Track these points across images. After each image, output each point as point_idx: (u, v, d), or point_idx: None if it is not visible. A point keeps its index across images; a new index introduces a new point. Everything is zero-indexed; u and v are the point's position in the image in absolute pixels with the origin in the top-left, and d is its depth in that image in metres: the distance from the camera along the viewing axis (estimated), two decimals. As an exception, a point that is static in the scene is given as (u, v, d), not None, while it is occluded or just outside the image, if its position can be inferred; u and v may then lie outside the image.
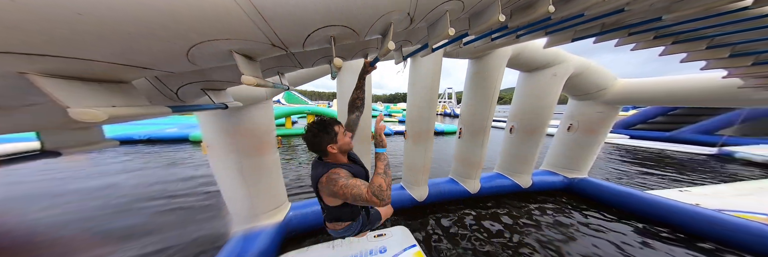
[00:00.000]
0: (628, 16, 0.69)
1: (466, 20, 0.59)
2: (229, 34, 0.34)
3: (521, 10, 0.59)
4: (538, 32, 0.88)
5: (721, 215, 1.42)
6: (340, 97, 1.57)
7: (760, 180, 2.40)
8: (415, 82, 1.69)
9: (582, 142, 2.15)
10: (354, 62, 1.42)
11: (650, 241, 1.43)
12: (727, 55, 0.93)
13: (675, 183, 2.61)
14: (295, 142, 5.65)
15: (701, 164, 3.54)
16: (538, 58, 1.71)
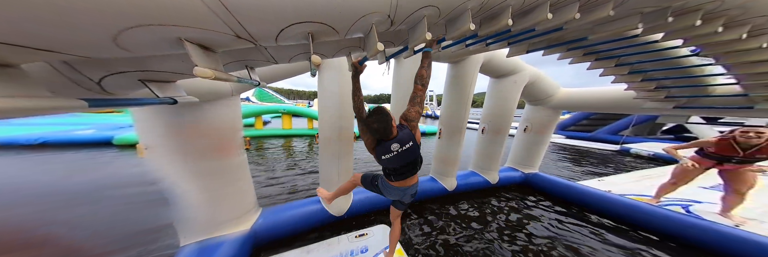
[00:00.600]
0: (566, 33, 0.84)
1: (443, 26, 0.63)
2: (179, 21, 0.29)
3: (488, 20, 0.66)
4: (502, 42, 0.99)
5: (624, 199, 1.85)
6: (321, 95, 1.49)
7: (645, 170, 3.18)
8: (399, 84, 1.73)
9: (534, 142, 2.52)
10: (336, 60, 1.36)
11: (580, 222, 1.80)
12: (627, 72, 1.23)
13: (595, 174, 3.30)
14: (267, 144, 5.01)
15: (610, 158, 4.56)
16: (503, 66, 1.94)
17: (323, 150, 1.54)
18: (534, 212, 1.98)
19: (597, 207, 1.90)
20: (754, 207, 1.74)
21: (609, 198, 1.87)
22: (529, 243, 1.52)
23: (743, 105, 1.17)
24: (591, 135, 7.03)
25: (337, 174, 1.56)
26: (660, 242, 1.51)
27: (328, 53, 0.75)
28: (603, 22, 0.71)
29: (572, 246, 1.49)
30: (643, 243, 1.52)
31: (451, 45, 0.98)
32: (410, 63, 1.61)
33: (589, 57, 1.13)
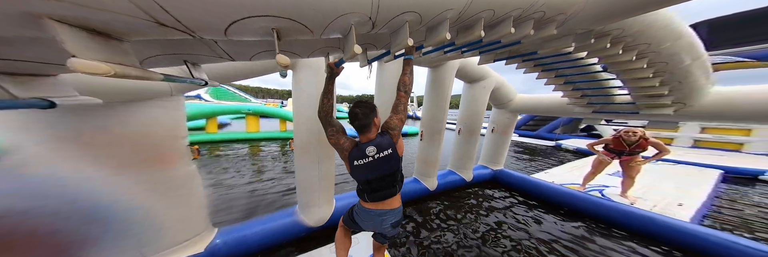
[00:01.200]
0: (522, 47, 0.98)
1: (424, 33, 0.65)
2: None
3: (464, 30, 0.71)
4: (474, 51, 1.09)
5: (564, 188, 2.25)
6: (296, 97, 1.36)
7: (573, 162, 3.97)
8: (383, 86, 1.72)
9: (499, 141, 2.86)
10: (314, 60, 1.26)
11: (536, 211, 2.10)
12: (563, 82, 1.52)
13: (542, 167, 3.96)
14: (225, 150, 4.23)
15: (550, 153, 5.57)
16: (475, 72, 2.15)
17: (300, 156, 1.40)
18: (501, 203, 2.23)
19: (547, 196, 2.27)
20: (638, 188, 2.35)
21: (554, 188, 2.26)
22: (494, 230, 1.71)
23: (632, 110, 1.59)
24: (536, 133, 8.47)
25: (318, 180, 1.44)
26: (587, 220, 1.89)
27: (303, 52, 0.68)
28: (549, 40, 0.85)
29: (524, 227, 1.75)
30: (574, 221, 1.88)
31: (431, 51, 1.03)
32: (394, 66, 1.62)
33: (538, 68, 1.35)
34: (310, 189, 1.45)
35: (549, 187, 2.29)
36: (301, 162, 1.41)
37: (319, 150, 1.38)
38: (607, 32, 0.82)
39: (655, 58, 0.99)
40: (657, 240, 1.57)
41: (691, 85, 1.19)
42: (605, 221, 1.82)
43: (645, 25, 0.80)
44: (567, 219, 1.93)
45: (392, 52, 0.66)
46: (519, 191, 2.53)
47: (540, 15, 0.65)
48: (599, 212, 1.86)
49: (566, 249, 1.49)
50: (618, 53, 0.92)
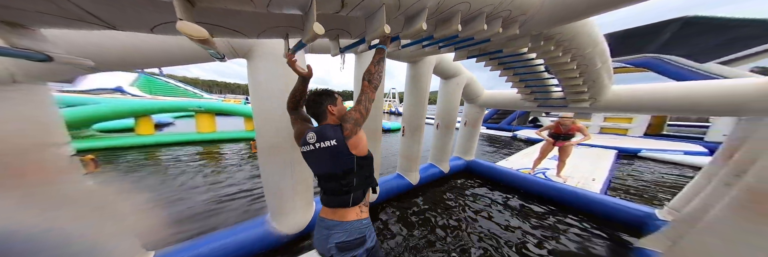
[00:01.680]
0: (491, 45, 1.10)
1: (402, 22, 0.64)
2: None
3: (442, 23, 0.74)
4: (451, 46, 1.16)
5: (520, 173, 2.68)
6: (254, 92, 1.15)
7: (525, 149, 4.78)
8: (360, 79, 1.69)
9: (471, 134, 3.18)
10: (277, 46, 1.08)
11: (502, 194, 2.46)
12: (518, 80, 1.79)
13: (503, 155, 4.62)
14: (170, 155, 3.46)
15: (509, 142, 6.57)
16: (450, 69, 2.30)
17: (266, 159, 1.25)
18: (475, 190, 2.51)
19: (508, 181, 2.67)
20: (567, 168, 3.01)
21: (513, 174, 2.68)
22: (470, 216, 1.93)
23: (563, 104, 1.99)
24: (498, 125, 9.83)
25: (292, 184, 1.29)
26: (538, 199, 2.32)
27: (249, 30, 0.54)
28: (512, 39, 0.97)
29: (486, 209, 2.05)
30: (527, 200, 2.30)
31: (409, 44, 1.05)
32: (370, 57, 1.58)
33: (501, 66, 1.54)
34: (283, 195, 1.31)
35: (509, 173, 2.70)
36: (269, 165, 1.26)
37: (292, 153, 1.24)
38: (552, 36, 0.99)
39: (581, 61, 1.25)
40: (580, 209, 2.04)
41: (600, 84, 1.58)
42: (548, 198, 2.27)
43: (577, 32, 1.00)
44: (523, 198, 2.33)
45: (367, 39, 0.60)
46: (488, 178, 2.90)
47: (507, 14, 0.74)
48: (543, 191, 2.32)
49: (523, 224, 1.83)
50: (558, 55, 1.13)
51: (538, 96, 2.07)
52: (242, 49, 1.05)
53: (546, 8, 0.74)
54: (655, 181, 3.18)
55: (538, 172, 2.98)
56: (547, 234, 1.67)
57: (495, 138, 7.36)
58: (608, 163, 3.79)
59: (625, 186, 2.93)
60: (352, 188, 0.64)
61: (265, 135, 1.19)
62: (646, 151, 4.88)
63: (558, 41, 1.03)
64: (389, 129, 7.60)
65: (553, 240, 1.59)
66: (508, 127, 9.52)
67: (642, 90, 1.63)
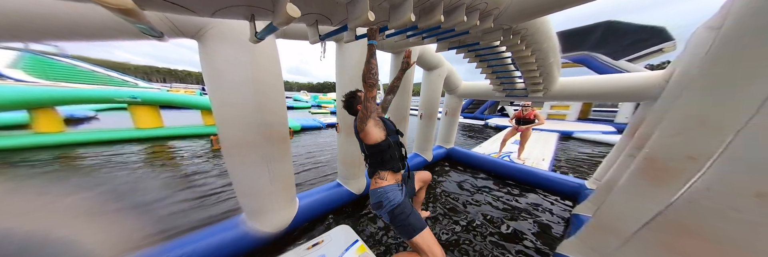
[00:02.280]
0: (469, 37, 1.18)
1: (387, 10, 0.64)
2: None
3: (426, 13, 0.77)
4: (433, 37, 1.21)
5: (489, 157, 3.08)
6: (209, 78, 0.97)
7: (494, 136, 5.46)
8: (343, 71, 1.59)
9: (451, 123, 3.44)
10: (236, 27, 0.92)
11: (479, 175, 2.84)
12: (491, 72, 1.99)
13: (479, 141, 5.17)
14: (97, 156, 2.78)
15: (482, 130, 7.38)
16: (433, 60, 2.38)
17: (235, 158, 1.12)
18: (454, 177, 2.79)
19: (481, 165, 3.05)
20: (526, 151, 3.59)
21: (485, 158, 3.07)
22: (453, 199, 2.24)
23: (524, 94, 2.31)
24: (473, 115, 10.75)
25: (270, 182, 1.22)
26: (502, 179, 2.74)
27: (201, 7, 0.45)
28: (488, 32, 1.07)
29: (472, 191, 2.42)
30: (496, 180, 2.71)
31: (394, 34, 1.05)
32: (356, 48, 1.51)
33: (477, 58, 1.68)
34: (259, 195, 1.23)
35: (483, 158, 3.09)
36: (239, 164, 1.14)
37: (266, 148, 1.13)
38: (519, 31, 1.12)
39: (538, 55, 1.46)
40: (535, 184, 2.50)
41: (552, 76, 1.88)
42: (511, 178, 2.71)
43: (537, 29, 1.16)
44: (494, 178, 2.75)
45: (350, 27, 0.57)
46: (466, 164, 3.25)
47: (483, 6, 0.81)
48: (508, 172, 2.75)
49: (495, 201, 2.19)
50: (522, 49, 1.29)
51: (506, 86, 2.35)
52: (189, 28, 0.85)
53: (515, 3, 0.84)
54: (584, 157, 4.06)
55: (504, 156, 3.51)
56: (510, 207, 2.07)
57: (470, 126, 8.12)
58: (553, 145, 4.65)
59: (565, 162, 3.69)
60: (370, 166, 0.89)
61: (230, 131, 1.06)
62: (578, 133, 6.11)
63: (523, 36, 1.18)
64: None
65: (515, 211, 1.98)
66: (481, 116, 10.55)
67: (578, 81, 2.01)
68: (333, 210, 1.76)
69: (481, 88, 2.82)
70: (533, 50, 1.37)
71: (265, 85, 1.05)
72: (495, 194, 2.33)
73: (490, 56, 1.61)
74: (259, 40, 0.61)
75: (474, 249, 1.39)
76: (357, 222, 1.65)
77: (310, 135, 5.14)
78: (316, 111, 10.74)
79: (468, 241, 1.47)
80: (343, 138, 1.77)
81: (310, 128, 5.85)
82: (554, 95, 2.14)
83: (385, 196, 0.83)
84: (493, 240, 1.51)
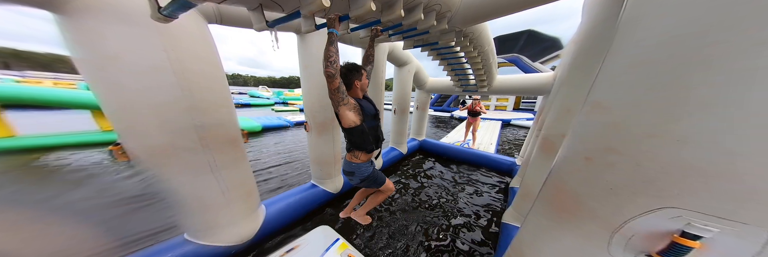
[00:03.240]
0: (430, 36, 1.26)
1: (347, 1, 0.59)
2: None
3: (388, 7, 0.77)
4: (399, 34, 1.22)
5: (454, 145, 3.53)
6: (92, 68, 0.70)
7: (457, 127, 6.20)
8: (308, 65, 1.45)
9: (421, 116, 3.70)
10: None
11: (449, 166, 3.18)
12: (451, 69, 2.21)
13: (447, 131, 5.81)
14: None
15: (448, 121, 8.30)
16: (402, 56, 2.43)
17: (164, 168, 0.90)
18: (426, 165, 3.10)
19: (445, 152, 3.46)
20: (478, 138, 4.28)
21: (450, 147, 3.50)
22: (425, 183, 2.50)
23: (474, 89, 2.71)
24: (441, 108, 11.88)
25: (222, 193, 1.05)
26: (462, 163, 3.21)
27: None
28: (444, 32, 1.16)
29: (435, 174, 2.73)
30: (459, 164, 3.17)
31: (358, 28, 1.01)
32: (319, 39, 1.39)
33: (439, 57, 1.82)
34: (209, 208, 1.06)
35: (449, 147, 3.51)
36: (171, 175, 0.92)
37: (210, 155, 0.94)
38: (467, 34, 1.27)
39: (483, 55, 1.71)
40: (485, 165, 3.05)
41: (492, 74, 2.26)
42: (469, 162, 3.21)
43: (480, 33, 1.34)
44: (457, 163, 3.20)
45: (304, 14, 0.52)
46: (436, 154, 3.60)
47: (438, 7, 0.87)
48: (467, 157, 3.24)
49: (459, 181, 2.58)
50: (471, 50, 1.48)
51: (462, 82, 2.68)
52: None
53: (462, 9, 0.94)
54: (516, 140, 5.22)
55: (464, 144, 4.11)
56: (469, 182, 2.54)
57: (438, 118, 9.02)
58: (497, 131, 5.75)
59: (505, 145, 4.65)
60: (347, 142, 0.96)
61: (145, 138, 0.82)
62: (513, 120, 7.75)
63: (471, 39, 1.34)
64: None
65: (471, 186, 2.43)
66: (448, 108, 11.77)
67: (508, 79, 2.52)
68: (310, 212, 1.70)
69: (445, 84, 3.11)
70: (479, 52, 1.60)
71: (197, 78, 0.84)
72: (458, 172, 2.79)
73: (449, 55, 1.77)
74: (166, 17, 0.46)
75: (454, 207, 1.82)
76: (339, 221, 1.63)
77: (275, 136, 4.62)
78: (280, 108, 9.43)
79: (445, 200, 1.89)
80: (314, 137, 1.67)
81: (274, 128, 5.31)
82: (494, 90, 2.60)
83: (358, 170, 0.97)
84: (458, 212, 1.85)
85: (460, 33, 1.20)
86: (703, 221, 0.33)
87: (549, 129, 1.11)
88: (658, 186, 0.36)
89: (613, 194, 0.40)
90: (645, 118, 0.36)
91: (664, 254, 0.36)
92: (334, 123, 1.67)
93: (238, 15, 0.96)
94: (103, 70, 0.70)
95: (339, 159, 1.82)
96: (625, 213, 0.39)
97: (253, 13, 0.60)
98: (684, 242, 0.33)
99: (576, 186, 0.48)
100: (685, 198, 0.33)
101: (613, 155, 0.41)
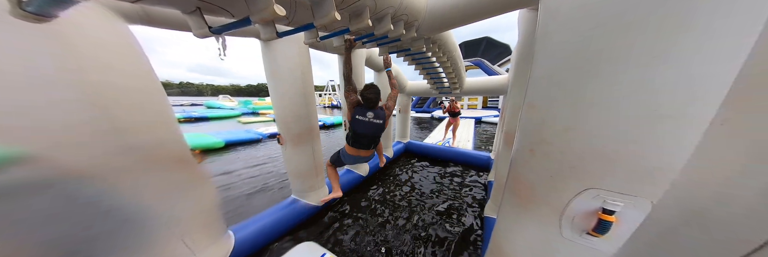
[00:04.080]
0: (403, 43, 1.32)
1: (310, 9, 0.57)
2: None
3: (355, 16, 0.77)
4: (373, 42, 1.25)
5: (435, 145, 3.68)
6: None
7: (437, 127, 6.57)
8: (275, 73, 1.35)
9: (404, 119, 3.79)
10: None
11: (429, 165, 3.31)
12: (426, 73, 2.34)
13: (430, 130, 6.03)
14: None
15: (429, 122, 8.70)
16: (380, 62, 2.46)
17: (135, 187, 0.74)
18: (414, 168, 3.14)
19: (428, 153, 3.59)
20: (458, 137, 4.54)
21: (433, 147, 3.64)
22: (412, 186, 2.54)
23: (448, 91, 2.92)
24: (422, 109, 12.42)
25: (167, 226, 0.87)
26: (445, 163, 3.36)
27: None
28: (414, 39, 1.23)
29: (417, 172, 2.84)
30: (441, 164, 3.31)
31: (329, 36, 0.99)
32: (286, 45, 1.30)
33: (414, 62, 1.92)
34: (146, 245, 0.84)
35: (431, 147, 3.64)
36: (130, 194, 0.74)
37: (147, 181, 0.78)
38: (436, 41, 1.37)
39: (451, 60, 1.87)
40: (464, 162, 3.25)
41: (462, 76, 2.47)
42: (451, 160, 3.38)
43: (446, 40, 1.46)
44: (440, 164, 3.33)
45: (254, 21, 0.45)
46: (420, 154, 3.69)
47: (406, 17, 0.92)
48: (448, 155, 3.41)
49: (440, 178, 2.70)
50: (440, 55, 1.60)
51: (438, 85, 2.85)
52: None
53: (428, 18, 1.01)
54: (490, 136, 5.72)
55: (445, 143, 4.33)
56: (450, 176, 2.70)
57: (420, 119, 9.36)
58: (472, 129, 6.23)
59: (480, 141, 5.05)
60: (375, 141, 1.21)
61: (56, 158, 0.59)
62: (483, 118, 8.53)
63: (439, 45, 1.45)
64: (333, 124, 7.10)
65: (451, 179, 2.58)
66: (428, 109, 12.33)
67: (475, 81, 2.79)
68: (293, 229, 1.57)
69: (423, 87, 3.27)
70: (448, 57, 1.73)
71: (112, 92, 0.68)
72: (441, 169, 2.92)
73: (423, 60, 1.88)
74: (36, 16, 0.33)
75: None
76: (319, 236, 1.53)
77: (250, 150, 4.08)
78: (248, 120, 8.30)
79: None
80: (289, 150, 1.53)
81: (242, 142, 4.60)
82: (465, 91, 2.84)
83: (341, 152, 1.26)
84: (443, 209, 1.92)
85: (428, 40, 1.28)
86: (613, 198, 0.40)
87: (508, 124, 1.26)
88: (580, 171, 0.43)
89: (553, 180, 0.47)
90: (561, 115, 0.44)
91: (597, 230, 0.42)
92: (313, 133, 1.58)
93: (173, 15, 0.82)
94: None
95: (321, 171, 1.72)
96: (563, 196, 0.46)
97: (191, 17, 0.50)
98: (605, 217, 0.41)
99: (528, 175, 0.55)
100: (598, 179, 0.41)
101: (547, 146, 0.48)
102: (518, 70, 1.18)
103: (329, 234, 1.57)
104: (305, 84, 1.43)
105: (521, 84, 1.14)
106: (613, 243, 0.44)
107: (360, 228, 1.64)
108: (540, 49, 0.50)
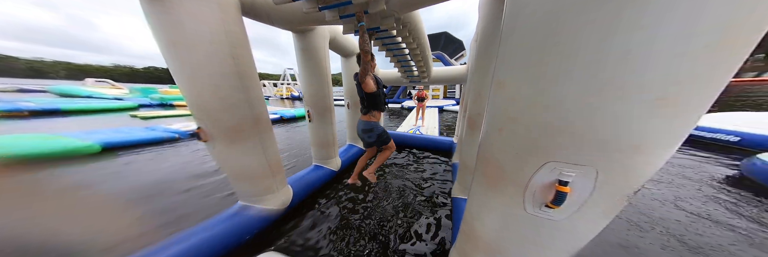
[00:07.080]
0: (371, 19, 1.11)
1: None
2: None
3: None
4: (334, 10, 0.98)
5: (407, 133, 3.76)
6: None
7: (410, 115, 6.75)
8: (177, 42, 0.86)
9: None
10: None
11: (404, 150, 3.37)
12: (397, 61, 2.21)
13: (401, 120, 6.18)
14: None
15: (400, 112, 8.89)
16: (347, 46, 2.13)
17: None
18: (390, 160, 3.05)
19: (405, 142, 3.62)
20: (426, 124, 4.87)
21: (405, 135, 3.71)
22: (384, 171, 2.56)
23: (418, 80, 2.95)
24: (393, 99, 12.51)
25: None
26: (419, 151, 3.45)
27: None
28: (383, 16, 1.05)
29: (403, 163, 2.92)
30: (412, 149, 3.44)
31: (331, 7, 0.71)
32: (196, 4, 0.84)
33: (384, 47, 1.74)
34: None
35: (404, 136, 3.70)
36: None
37: None
38: (405, 23, 1.23)
39: (421, 47, 1.80)
40: (434, 149, 3.44)
41: (429, 66, 2.50)
42: (421, 147, 3.53)
43: (416, 23, 1.35)
44: (410, 151, 3.43)
45: None
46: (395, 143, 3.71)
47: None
48: (418, 142, 3.55)
49: (413, 164, 2.80)
50: (411, 41, 1.49)
51: (408, 74, 2.80)
52: None
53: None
54: (452, 122, 6.37)
55: (414, 130, 4.54)
56: (420, 161, 2.85)
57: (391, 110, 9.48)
58: (436, 117, 6.82)
59: (444, 127, 5.50)
60: (364, 107, 1.38)
61: None
62: (445, 106, 9.47)
63: (410, 30, 1.33)
64: (294, 116, 6.10)
65: (420, 164, 2.74)
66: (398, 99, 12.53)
67: (441, 70, 2.92)
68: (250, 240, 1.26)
69: (394, 76, 3.15)
70: (417, 44, 1.65)
71: None
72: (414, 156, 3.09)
73: (393, 45, 1.72)
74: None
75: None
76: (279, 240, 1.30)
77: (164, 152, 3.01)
78: (151, 114, 5.93)
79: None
80: (221, 148, 1.12)
81: (138, 144, 3.35)
82: (432, 79, 2.92)
83: (376, 127, 1.40)
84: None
85: (399, 20, 1.13)
86: (567, 169, 0.45)
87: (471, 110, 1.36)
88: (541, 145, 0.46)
89: (519, 157, 0.51)
90: (526, 91, 0.45)
91: (554, 202, 0.48)
92: (260, 126, 1.20)
93: None
94: None
95: (278, 169, 1.41)
96: (526, 171, 0.50)
97: None
98: (561, 188, 0.46)
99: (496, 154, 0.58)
100: (555, 152, 0.45)
101: (514, 124, 0.50)
102: (480, 54, 1.17)
103: (296, 239, 1.33)
104: (238, 60, 0.98)
105: (483, 69, 1.17)
106: (565, 211, 0.48)
107: (335, 227, 1.45)
108: (508, 28, 0.48)
